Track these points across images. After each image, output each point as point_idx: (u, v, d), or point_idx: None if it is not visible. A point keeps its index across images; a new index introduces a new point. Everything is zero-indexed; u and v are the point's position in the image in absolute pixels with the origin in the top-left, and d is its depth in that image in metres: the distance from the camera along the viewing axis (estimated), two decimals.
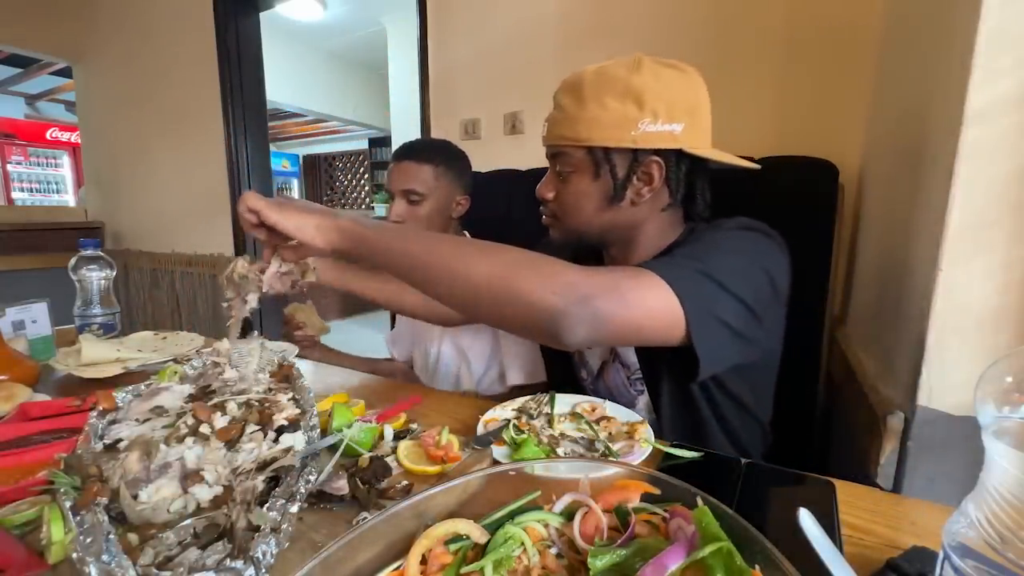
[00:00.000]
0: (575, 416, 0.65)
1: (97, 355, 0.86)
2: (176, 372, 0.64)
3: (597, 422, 0.62)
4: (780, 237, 0.66)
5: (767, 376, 0.72)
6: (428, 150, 1.06)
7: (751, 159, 0.99)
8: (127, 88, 3.00)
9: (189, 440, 0.46)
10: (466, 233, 1.19)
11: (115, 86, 3.09)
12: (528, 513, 0.36)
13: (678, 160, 0.65)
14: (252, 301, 0.62)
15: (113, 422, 0.52)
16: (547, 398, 0.69)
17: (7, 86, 5.32)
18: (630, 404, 0.74)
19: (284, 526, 0.37)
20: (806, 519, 0.34)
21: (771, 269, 0.59)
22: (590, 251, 0.80)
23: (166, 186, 2.92)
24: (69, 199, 6.74)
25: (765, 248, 0.62)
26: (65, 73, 4.28)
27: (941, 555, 0.27)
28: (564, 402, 0.69)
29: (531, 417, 0.64)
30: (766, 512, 0.46)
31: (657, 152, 0.64)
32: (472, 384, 1.12)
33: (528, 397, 0.70)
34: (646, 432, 0.59)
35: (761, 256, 0.60)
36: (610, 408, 0.67)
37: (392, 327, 1.40)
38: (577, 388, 0.84)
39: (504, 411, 0.67)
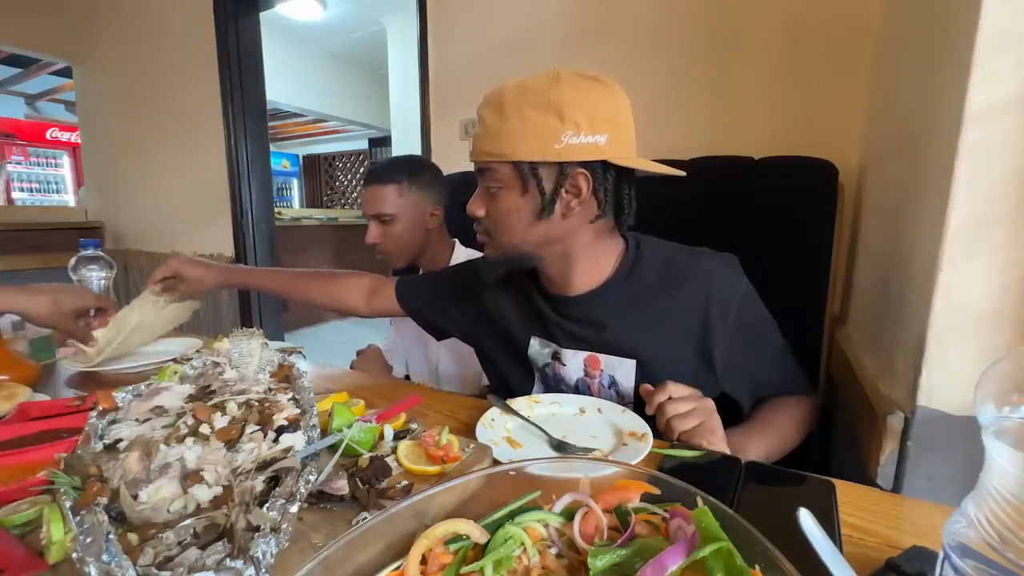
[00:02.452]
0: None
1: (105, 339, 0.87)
2: (176, 372, 0.64)
3: None
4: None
5: None
6: (390, 170, 1.08)
7: (751, 159, 0.99)
8: (127, 88, 3.00)
9: (189, 440, 0.46)
10: (456, 241, 1.18)
11: (115, 86, 3.09)
12: (528, 513, 0.36)
13: (604, 171, 0.65)
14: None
15: (113, 422, 0.52)
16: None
17: (7, 86, 5.31)
18: None
19: (284, 526, 0.37)
20: (806, 519, 0.34)
21: None
22: (524, 269, 0.78)
23: (166, 186, 2.92)
24: (69, 199, 6.74)
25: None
26: (65, 73, 4.28)
27: (941, 555, 0.27)
28: (572, 403, 0.69)
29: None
30: (766, 512, 0.45)
31: (583, 164, 0.64)
32: (475, 388, 1.13)
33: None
34: (646, 431, 0.59)
35: None
36: (616, 411, 0.67)
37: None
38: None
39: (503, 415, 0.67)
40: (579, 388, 0.76)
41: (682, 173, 0.68)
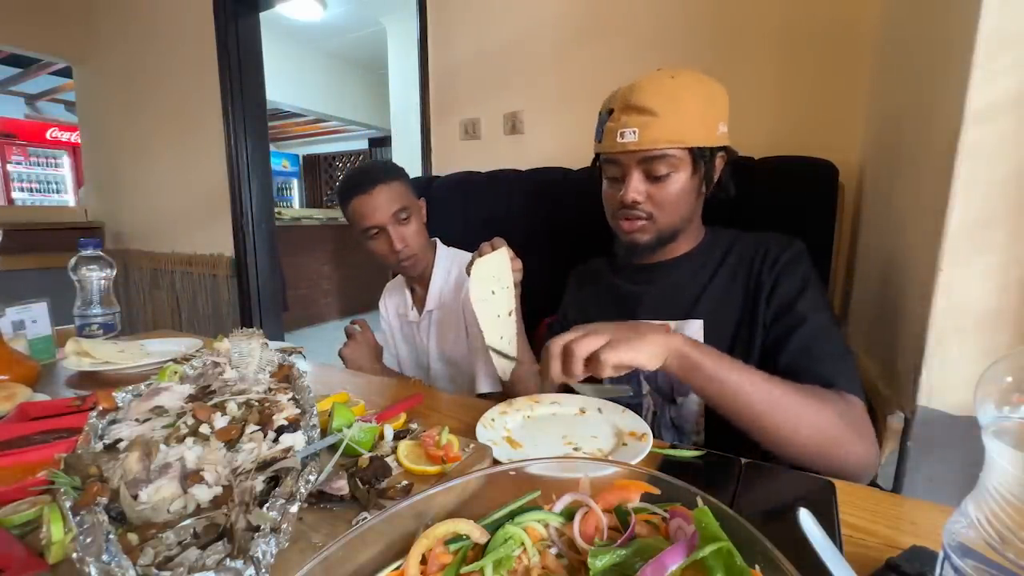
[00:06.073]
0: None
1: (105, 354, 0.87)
2: (176, 372, 0.64)
3: None
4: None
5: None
6: (383, 170, 1.02)
7: (751, 159, 0.99)
8: (127, 88, 3.00)
9: (189, 440, 0.46)
10: (437, 240, 1.16)
11: (115, 86, 3.09)
12: (528, 513, 0.36)
13: (727, 156, 0.77)
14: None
15: (113, 422, 0.52)
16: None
17: (7, 86, 5.31)
18: (686, 393, 0.75)
19: (284, 526, 0.37)
20: (806, 519, 0.34)
21: None
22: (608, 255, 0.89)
23: (166, 186, 2.92)
24: (69, 199, 6.74)
25: None
26: (65, 73, 4.28)
27: (941, 555, 0.27)
28: (572, 403, 0.69)
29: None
30: (766, 512, 0.45)
31: (723, 148, 0.75)
32: (465, 392, 1.12)
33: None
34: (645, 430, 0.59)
35: None
36: (616, 411, 0.67)
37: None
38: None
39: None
40: None
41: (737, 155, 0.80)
